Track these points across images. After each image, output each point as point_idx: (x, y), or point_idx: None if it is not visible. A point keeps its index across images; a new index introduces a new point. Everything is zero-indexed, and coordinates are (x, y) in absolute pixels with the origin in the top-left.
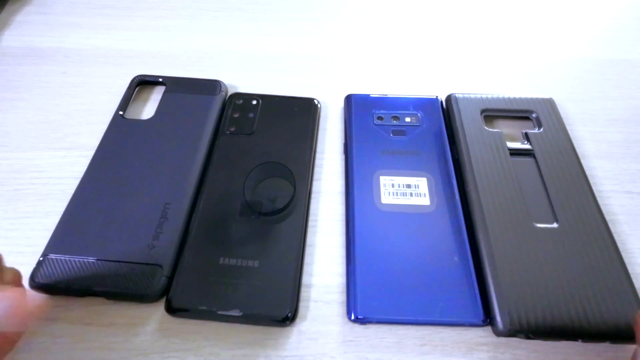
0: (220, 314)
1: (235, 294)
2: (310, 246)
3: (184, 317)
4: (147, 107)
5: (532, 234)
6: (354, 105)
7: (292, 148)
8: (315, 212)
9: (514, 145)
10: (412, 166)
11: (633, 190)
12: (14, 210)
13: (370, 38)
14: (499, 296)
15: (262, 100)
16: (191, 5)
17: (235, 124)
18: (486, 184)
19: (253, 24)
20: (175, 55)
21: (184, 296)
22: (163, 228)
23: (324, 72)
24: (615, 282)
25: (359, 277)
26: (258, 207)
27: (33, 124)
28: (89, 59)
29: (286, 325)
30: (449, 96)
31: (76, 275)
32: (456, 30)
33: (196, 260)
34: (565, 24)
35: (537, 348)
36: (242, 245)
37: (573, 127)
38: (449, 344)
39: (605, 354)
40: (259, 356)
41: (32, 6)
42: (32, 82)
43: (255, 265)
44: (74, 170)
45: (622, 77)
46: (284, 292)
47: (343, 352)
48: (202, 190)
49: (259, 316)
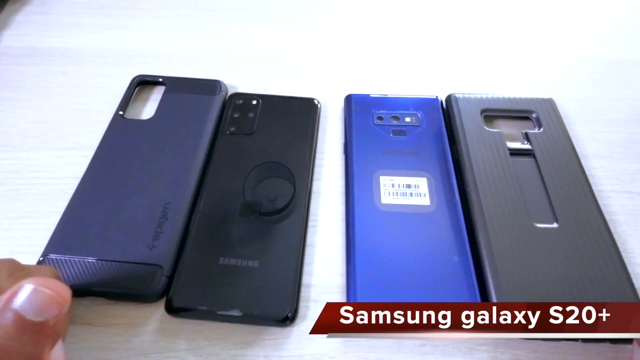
0: (220, 314)
1: (235, 294)
2: (310, 246)
3: (184, 317)
4: (147, 107)
5: (532, 234)
6: (354, 105)
7: (292, 148)
8: (315, 212)
9: (514, 145)
10: (412, 166)
11: (633, 190)
12: (14, 210)
13: (370, 38)
14: (499, 296)
15: (262, 100)
16: (191, 5)
17: (236, 124)
18: (486, 184)
19: (253, 24)
20: (175, 55)
21: (184, 296)
22: (163, 228)
23: (324, 72)
24: (615, 282)
25: (359, 277)
26: (258, 207)
27: (33, 124)
28: (89, 59)
29: (286, 325)
30: (449, 96)
31: (76, 275)
32: (456, 31)
33: (196, 260)
34: (566, 24)
35: (537, 348)
36: (242, 245)
37: (573, 127)
38: (448, 344)
39: (605, 354)
40: (259, 356)
41: (32, 6)
42: (32, 82)
43: (255, 265)
44: (74, 170)
45: (622, 77)
46: (284, 292)
47: (343, 352)
48: (202, 190)
49: (259, 316)
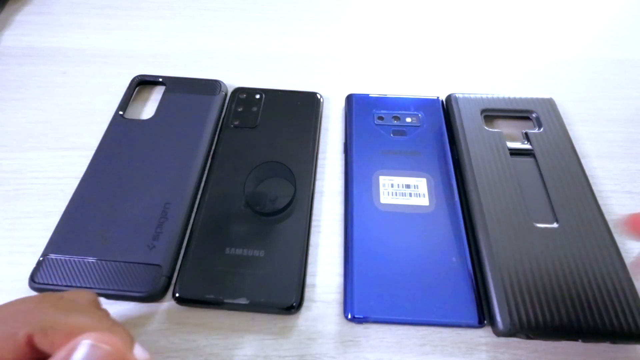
0: (227, 302)
1: (242, 283)
2: (311, 246)
3: (191, 307)
4: (147, 107)
5: (532, 234)
6: (355, 105)
7: (295, 143)
8: (316, 212)
9: (514, 145)
10: (411, 166)
11: (633, 190)
12: (14, 210)
13: (370, 38)
14: (499, 296)
15: (265, 95)
16: (191, 5)
17: (239, 117)
18: (486, 184)
19: (253, 23)
20: (175, 55)
21: (192, 286)
22: (163, 228)
23: (324, 72)
24: (615, 282)
25: (357, 277)
26: (263, 203)
27: (33, 124)
28: (89, 59)
29: (292, 314)
30: (449, 96)
31: (76, 275)
32: (456, 31)
33: (203, 250)
34: (565, 24)
35: (537, 348)
36: (247, 241)
37: (573, 127)
38: (449, 344)
39: (605, 354)
40: (259, 356)
41: (32, 6)
42: (32, 82)
43: (261, 255)
44: (74, 170)
45: (622, 77)
46: (290, 281)
47: (343, 352)
48: (207, 182)
49: (265, 304)
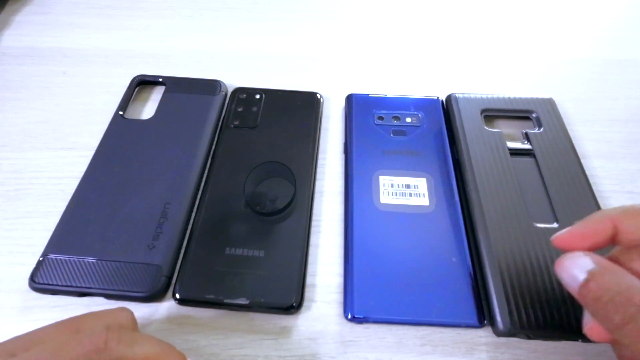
0: (227, 302)
1: (242, 283)
2: (311, 246)
3: (191, 307)
4: (147, 107)
5: (532, 234)
6: (355, 105)
7: (295, 143)
8: (316, 212)
9: (514, 145)
10: (411, 166)
11: (633, 190)
12: (14, 210)
13: (370, 38)
14: (499, 296)
15: (265, 95)
16: (191, 5)
17: (239, 117)
18: (486, 184)
19: (253, 23)
20: (175, 55)
21: (192, 286)
22: (163, 228)
23: (324, 72)
24: None
25: (356, 277)
26: (263, 203)
27: (33, 124)
28: (89, 59)
29: (292, 314)
30: (449, 96)
31: (76, 275)
32: (456, 31)
33: (203, 250)
34: (566, 24)
35: (537, 348)
36: (247, 241)
37: (573, 127)
38: (449, 344)
39: (605, 354)
40: (259, 356)
41: (32, 6)
42: (32, 82)
43: (260, 255)
44: (74, 170)
45: (622, 77)
46: (290, 280)
47: (343, 352)
48: (207, 182)
49: (266, 304)
